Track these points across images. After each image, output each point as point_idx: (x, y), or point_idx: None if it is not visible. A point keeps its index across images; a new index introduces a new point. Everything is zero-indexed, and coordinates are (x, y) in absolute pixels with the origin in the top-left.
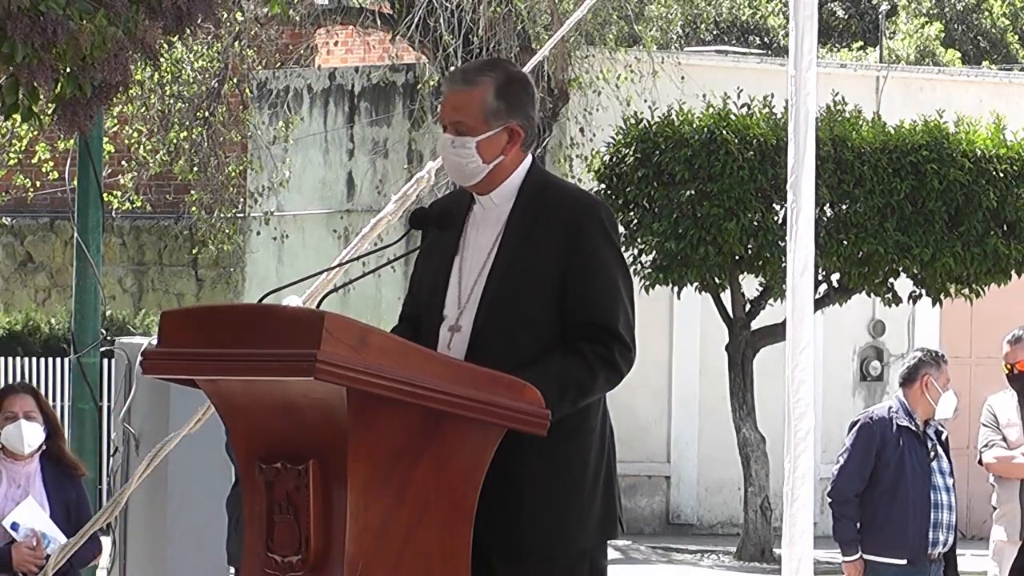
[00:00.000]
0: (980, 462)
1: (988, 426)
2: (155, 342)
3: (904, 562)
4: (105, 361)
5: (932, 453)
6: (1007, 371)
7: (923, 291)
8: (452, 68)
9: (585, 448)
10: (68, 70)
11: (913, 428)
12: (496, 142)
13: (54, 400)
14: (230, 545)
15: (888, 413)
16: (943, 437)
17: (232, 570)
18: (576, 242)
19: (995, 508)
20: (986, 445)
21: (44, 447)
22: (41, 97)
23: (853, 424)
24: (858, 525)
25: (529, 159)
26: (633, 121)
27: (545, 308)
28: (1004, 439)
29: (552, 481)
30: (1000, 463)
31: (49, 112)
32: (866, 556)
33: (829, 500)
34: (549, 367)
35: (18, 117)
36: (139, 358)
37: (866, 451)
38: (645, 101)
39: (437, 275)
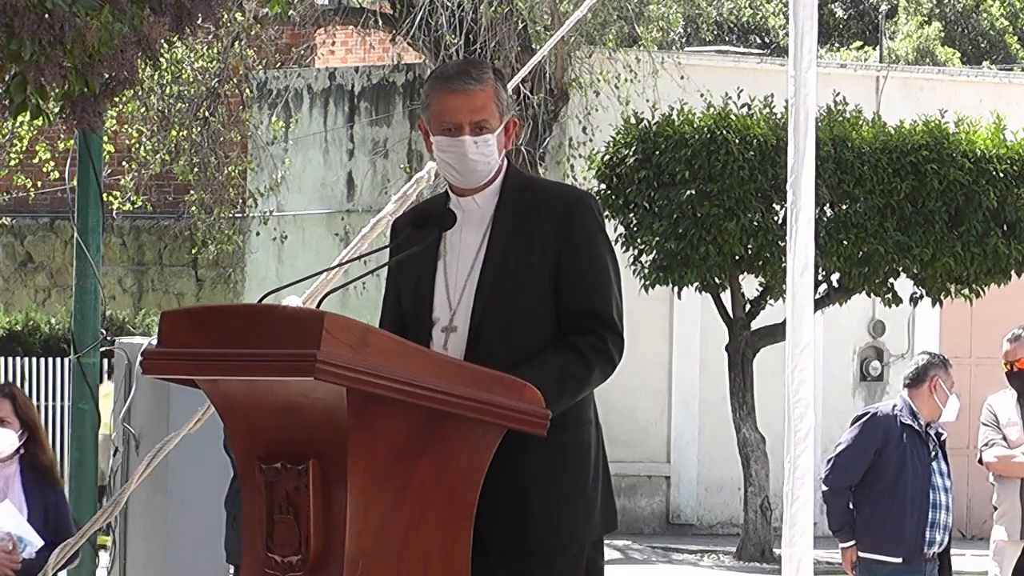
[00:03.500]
0: (980, 461)
1: (988, 425)
2: (155, 342)
3: (899, 561)
4: (105, 361)
5: (933, 453)
6: (1007, 369)
7: (923, 291)
8: (436, 72)
9: (585, 441)
10: (75, 67)
11: (916, 427)
12: (504, 135)
13: (54, 400)
14: (228, 543)
15: (892, 411)
16: (942, 439)
17: (231, 568)
18: (568, 234)
19: (995, 508)
20: (986, 444)
21: (23, 450)
22: (49, 94)
23: (857, 418)
24: (852, 512)
25: (505, 159)
26: (633, 121)
27: (541, 302)
28: (1004, 438)
29: (556, 476)
30: (1001, 462)
31: (56, 110)
32: (862, 554)
33: (823, 489)
34: (546, 364)
35: (27, 115)
36: (139, 358)
37: (865, 447)
38: (646, 101)
39: (421, 280)
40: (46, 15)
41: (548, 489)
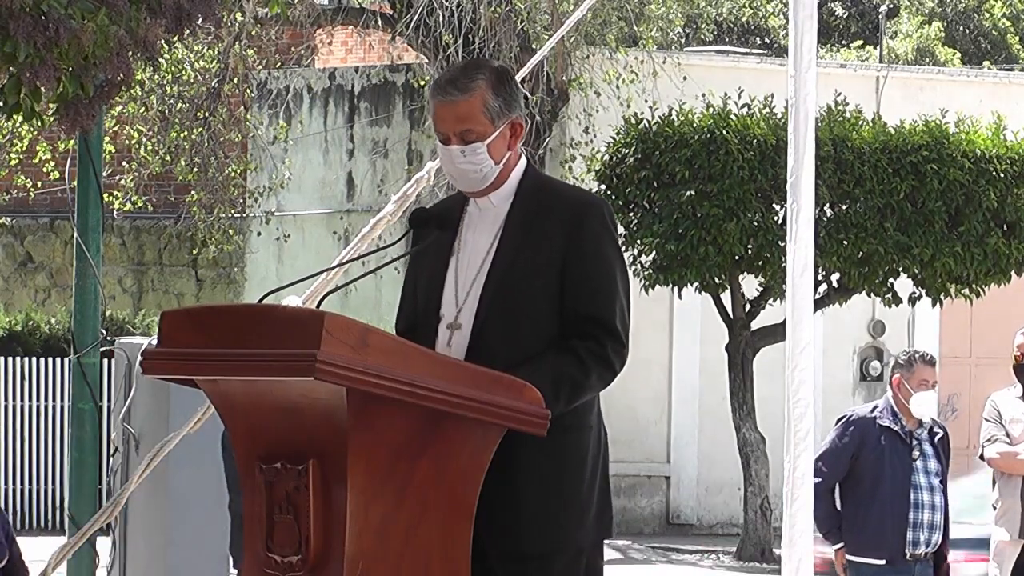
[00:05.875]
0: (982, 457)
1: (991, 421)
2: (155, 342)
3: (883, 562)
4: (105, 361)
5: (916, 453)
6: (1018, 361)
7: (923, 291)
8: (433, 79)
9: (583, 446)
10: (70, 69)
11: (896, 428)
12: (502, 140)
13: (54, 400)
14: (234, 548)
15: (872, 413)
16: (937, 438)
17: (235, 573)
18: (577, 236)
19: (995, 507)
20: (988, 440)
21: None
22: (43, 96)
23: (837, 421)
24: (839, 514)
25: (524, 160)
26: (633, 121)
27: (546, 302)
28: (1007, 434)
29: (551, 479)
30: (1002, 458)
31: (51, 112)
32: (848, 556)
33: None
34: (543, 365)
35: (20, 117)
36: (139, 358)
37: (842, 449)
38: (645, 101)
39: (433, 277)
40: (42, 17)
41: (543, 492)
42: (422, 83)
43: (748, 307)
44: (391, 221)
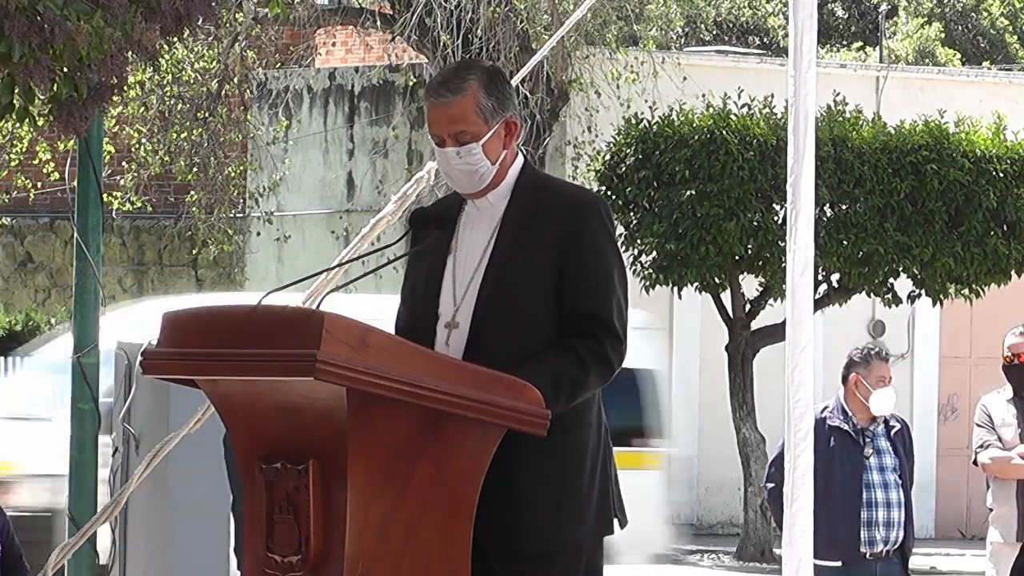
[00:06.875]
0: (975, 462)
1: (982, 426)
2: (155, 342)
3: (839, 564)
4: None
5: (869, 450)
6: (1008, 362)
7: (923, 291)
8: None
9: (583, 445)
10: (64, 71)
11: (847, 428)
12: (497, 139)
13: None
14: (240, 549)
15: (822, 413)
16: (894, 432)
17: (238, 574)
18: (575, 233)
19: (990, 510)
20: (981, 446)
21: None
22: (37, 98)
23: None
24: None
25: (521, 158)
26: (633, 121)
27: (544, 300)
28: (999, 439)
29: (550, 479)
30: (995, 464)
31: (44, 113)
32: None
33: (764, 494)
34: (542, 365)
35: (13, 118)
36: (139, 358)
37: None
38: (645, 101)
39: (430, 275)
40: (37, 17)
41: (543, 492)
42: (416, 82)
43: (748, 307)
44: (391, 221)
